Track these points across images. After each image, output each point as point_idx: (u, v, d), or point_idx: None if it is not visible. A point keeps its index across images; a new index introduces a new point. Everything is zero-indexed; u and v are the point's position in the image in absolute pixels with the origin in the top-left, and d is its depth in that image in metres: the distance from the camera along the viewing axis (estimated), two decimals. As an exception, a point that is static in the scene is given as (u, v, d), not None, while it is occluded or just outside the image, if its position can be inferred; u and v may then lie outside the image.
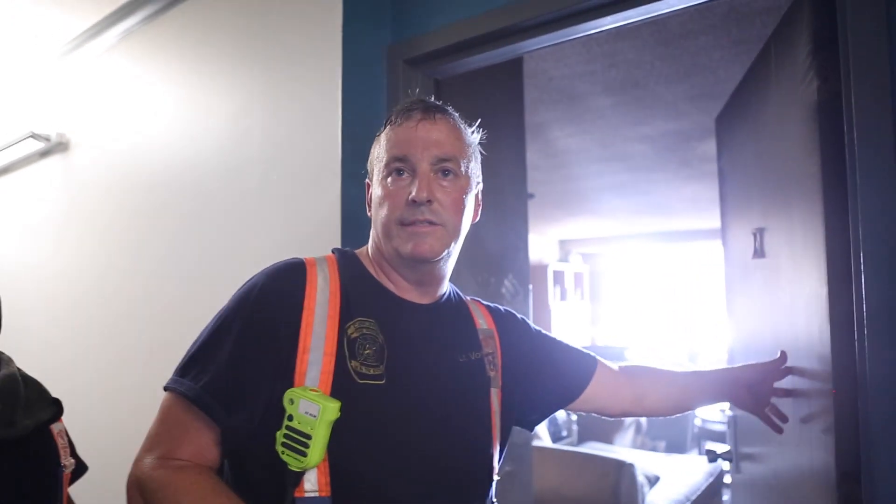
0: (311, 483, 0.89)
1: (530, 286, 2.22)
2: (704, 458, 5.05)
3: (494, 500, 1.11)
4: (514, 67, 2.46)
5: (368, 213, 1.09)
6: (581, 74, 3.00)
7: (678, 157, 4.66)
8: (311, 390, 0.90)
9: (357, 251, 1.12)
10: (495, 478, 1.10)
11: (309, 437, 0.87)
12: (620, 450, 4.73)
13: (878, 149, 1.13)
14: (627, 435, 5.63)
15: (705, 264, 9.72)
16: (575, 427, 5.26)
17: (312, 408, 0.87)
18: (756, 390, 1.32)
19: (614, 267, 10.24)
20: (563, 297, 9.00)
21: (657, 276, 10.19)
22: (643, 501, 3.32)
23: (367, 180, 1.11)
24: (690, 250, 9.57)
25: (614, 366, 1.32)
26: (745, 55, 2.79)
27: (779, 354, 1.35)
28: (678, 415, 1.35)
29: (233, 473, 0.99)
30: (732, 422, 2.04)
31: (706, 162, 4.80)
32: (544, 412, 1.28)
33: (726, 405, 1.54)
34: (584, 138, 4.12)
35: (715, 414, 5.39)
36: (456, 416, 1.03)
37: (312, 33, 1.77)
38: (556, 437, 4.96)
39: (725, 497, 4.49)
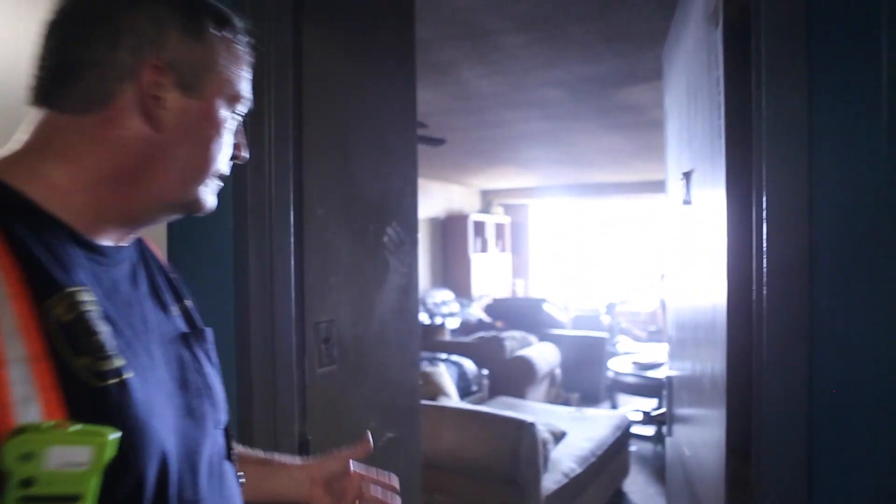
0: None
1: (419, 235, 2.00)
2: (614, 412, 5.10)
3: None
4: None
5: (147, 127, 0.68)
6: (486, 6, 2.74)
7: (596, 105, 4.50)
8: (56, 429, 0.55)
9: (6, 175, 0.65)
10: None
11: (77, 497, 0.54)
12: (532, 404, 4.66)
13: (788, 70, 0.94)
14: (541, 388, 5.59)
15: (627, 218, 9.88)
16: (486, 381, 5.11)
17: (77, 454, 0.54)
18: (335, 487, 1.02)
19: (536, 219, 10.23)
20: (483, 248, 8.91)
21: (579, 228, 10.28)
22: (547, 459, 3.24)
23: (152, 59, 0.68)
24: (613, 205, 9.68)
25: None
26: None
27: (362, 439, 1.04)
28: None
29: None
30: (669, 383, 1.91)
31: (624, 111, 4.67)
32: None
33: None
34: (496, 80, 3.89)
35: (626, 367, 5.41)
36: (200, 390, 0.78)
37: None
38: (464, 393, 4.69)
39: (633, 448, 4.52)
